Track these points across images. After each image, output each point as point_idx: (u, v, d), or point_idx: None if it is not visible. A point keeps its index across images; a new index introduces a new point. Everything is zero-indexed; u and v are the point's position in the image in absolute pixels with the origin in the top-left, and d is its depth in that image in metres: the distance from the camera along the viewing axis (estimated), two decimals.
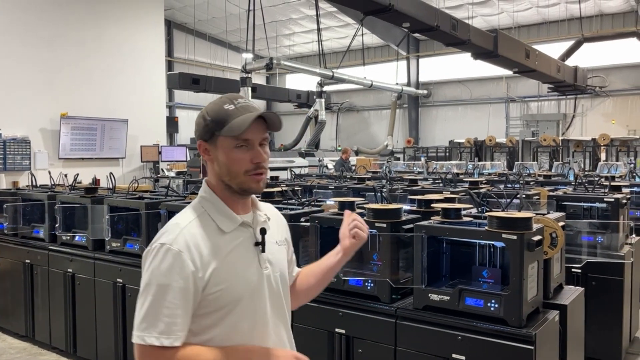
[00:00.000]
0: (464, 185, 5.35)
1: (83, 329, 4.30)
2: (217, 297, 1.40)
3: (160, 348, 1.32)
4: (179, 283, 1.34)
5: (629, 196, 4.64)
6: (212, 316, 1.41)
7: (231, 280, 1.42)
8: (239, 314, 1.43)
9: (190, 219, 1.44)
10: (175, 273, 1.34)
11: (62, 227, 4.47)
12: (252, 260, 1.48)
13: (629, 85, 16.78)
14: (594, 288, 4.19)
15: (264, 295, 1.50)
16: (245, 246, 1.48)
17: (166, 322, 1.33)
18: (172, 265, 1.34)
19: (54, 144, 9.79)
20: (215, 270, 1.39)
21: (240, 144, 1.43)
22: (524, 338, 2.33)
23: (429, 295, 2.60)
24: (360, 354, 2.81)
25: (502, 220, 2.41)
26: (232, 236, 1.46)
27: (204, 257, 1.39)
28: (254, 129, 1.43)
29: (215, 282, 1.39)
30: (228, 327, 1.42)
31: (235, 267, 1.44)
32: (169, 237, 1.38)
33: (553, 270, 2.83)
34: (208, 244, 1.40)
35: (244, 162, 1.43)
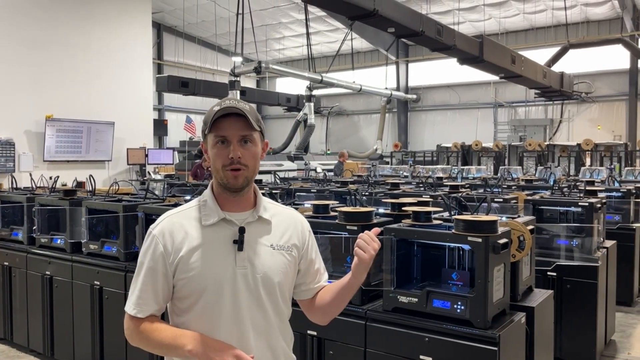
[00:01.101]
0: (445, 189, 5.40)
1: (61, 331, 4.28)
2: (184, 284, 1.52)
3: (131, 316, 1.55)
4: (150, 263, 1.53)
5: (604, 201, 4.71)
6: (185, 302, 1.54)
7: (198, 270, 1.50)
8: (204, 304, 1.51)
9: (180, 210, 1.61)
10: (149, 254, 1.54)
11: (41, 229, 4.46)
12: (227, 256, 1.52)
13: (614, 91, 16.98)
14: (568, 291, 4.25)
15: (235, 293, 1.51)
16: (223, 242, 1.53)
17: (137, 296, 1.55)
18: (148, 247, 1.54)
19: (39, 146, 9.74)
20: (184, 257, 1.51)
21: (218, 140, 1.52)
22: (488, 339, 2.37)
23: (398, 297, 2.64)
24: (332, 356, 2.83)
25: (467, 223, 2.45)
26: (212, 230, 1.54)
27: (175, 244, 1.52)
28: (230, 125, 1.52)
29: (182, 269, 1.51)
30: (197, 314, 1.53)
31: (205, 259, 1.51)
32: (155, 223, 1.58)
33: (522, 273, 2.88)
34: (183, 233, 1.53)
35: (222, 157, 1.52)
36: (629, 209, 5.84)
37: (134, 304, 1.55)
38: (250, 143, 1.54)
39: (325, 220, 2.97)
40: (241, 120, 1.52)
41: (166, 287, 1.54)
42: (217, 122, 1.51)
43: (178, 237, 1.52)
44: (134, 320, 1.55)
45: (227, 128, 1.52)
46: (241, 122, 1.52)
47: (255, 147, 1.55)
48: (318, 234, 2.90)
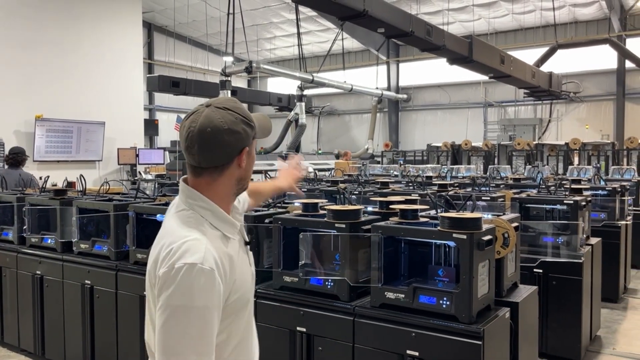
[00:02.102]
0: (434, 188, 5.47)
1: (51, 331, 4.29)
2: (233, 305, 1.41)
3: None
4: (214, 302, 1.31)
5: (589, 199, 4.79)
6: (224, 322, 1.40)
7: (244, 286, 1.45)
8: (243, 316, 1.48)
9: (202, 232, 1.38)
10: (210, 293, 1.30)
11: (31, 229, 4.47)
12: (246, 260, 1.53)
13: (602, 91, 17.18)
14: (553, 288, 4.33)
15: (253, 288, 1.59)
16: (241, 248, 1.51)
17: (207, 344, 1.30)
18: (206, 285, 1.29)
19: (29, 146, 9.69)
20: (236, 280, 1.41)
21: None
22: (472, 334, 2.42)
23: (385, 293, 2.69)
24: (320, 352, 2.88)
25: (452, 221, 2.50)
26: (234, 241, 1.47)
27: (226, 271, 1.37)
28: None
29: (234, 290, 1.40)
30: (233, 329, 1.44)
31: (242, 272, 1.46)
32: (197, 256, 1.31)
33: (507, 269, 2.94)
34: (225, 256, 1.39)
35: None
36: (615, 206, 5.93)
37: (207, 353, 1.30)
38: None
39: (315, 218, 3.02)
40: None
41: None
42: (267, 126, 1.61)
43: (225, 262, 1.38)
44: None
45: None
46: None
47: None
48: (307, 232, 2.97)
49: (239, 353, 1.51)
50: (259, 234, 3.23)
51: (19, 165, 6.28)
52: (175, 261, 1.30)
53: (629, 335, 5.06)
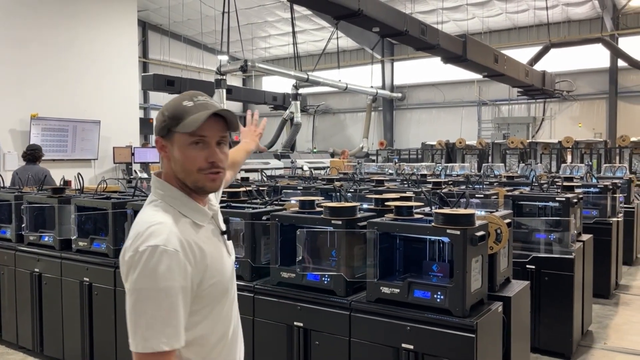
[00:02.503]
0: (428, 186, 5.53)
1: (50, 328, 4.33)
2: (210, 292, 1.41)
3: (168, 352, 1.29)
4: (180, 283, 1.31)
5: (580, 196, 4.87)
6: (202, 312, 1.41)
7: (220, 272, 1.45)
8: (223, 304, 1.48)
9: (168, 217, 1.39)
10: (175, 274, 1.30)
11: (29, 227, 4.50)
12: (223, 249, 1.52)
13: (594, 89, 17.32)
14: (546, 283, 4.41)
15: (234, 280, 1.57)
16: (216, 237, 1.51)
17: (174, 325, 1.30)
18: (171, 267, 1.30)
19: (24, 145, 9.66)
20: (208, 265, 1.40)
21: (196, 141, 1.41)
22: (466, 327, 2.49)
23: (380, 288, 2.74)
24: (317, 346, 2.93)
25: (446, 217, 2.56)
26: (206, 229, 1.47)
27: (197, 254, 1.37)
28: (211, 126, 1.42)
29: (208, 276, 1.39)
30: (213, 319, 1.45)
31: (218, 259, 1.46)
32: (160, 238, 1.32)
33: (499, 264, 3.00)
34: (195, 241, 1.39)
35: (199, 160, 1.42)
36: (606, 204, 6.02)
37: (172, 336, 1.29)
38: (224, 144, 1.48)
39: (312, 215, 3.07)
40: (220, 120, 1.46)
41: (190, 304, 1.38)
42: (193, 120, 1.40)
43: (196, 246, 1.38)
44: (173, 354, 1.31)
45: (208, 129, 1.42)
46: (220, 122, 1.46)
47: (227, 148, 1.50)
48: (304, 228, 3.02)
49: (224, 347, 1.51)
50: (255, 230, 3.28)
51: (36, 161, 6.49)
52: (140, 245, 1.31)
53: (620, 330, 5.14)
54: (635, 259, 8.05)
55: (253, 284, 3.18)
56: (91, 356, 4.06)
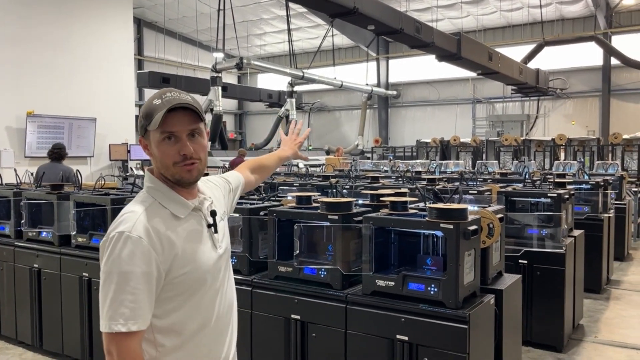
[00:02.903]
0: (423, 182, 5.60)
1: (49, 323, 4.37)
2: (182, 281, 1.45)
3: (127, 334, 1.35)
4: (142, 268, 1.37)
5: (572, 192, 4.96)
6: (176, 299, 1.46)
7: (194, 263, 1.48)
8: (202, 295, 1.51)
9: (144, 207, 1.46)
10: (137, 259, 1.37)
11: (28, 223, 4.54)
12: (207, 242, 1.56)
13: (588, 87, 17.45)
14: (538, 278, 4.49)
15: (220, 273, 1.60)
16: (200, 229, 1.55)
17: (131, 308, 1.35)
18: (133, 252, 1.37)
19: (20, 142, 9.71)
20: (178, 254, 1.44)
21: (167, 136, 1.46)
22: (459, 318, 2.56)
23: (376, 281, 2.81)
24: (314, 338, 3.00)
25: (440, 211, 2.63)
26: (186, 221, 1.51)
27: (164, 242, 1.42)
28: (179, 120, 1.46)
29: (178, 265, 1.44)
30: (191, 308, 1.49)
31: (195, 250, 1.50)
32: (128, 224, 1.40)
33: (492, 258, 3.08)
34: (167, 230, 1.44)
35: (172, 154, 1.47)
36: (598, 200, 6.11)
37: (130, 318, 1.35)
38: (199, 136, 1.52)
39: (308, 210, 3.13)
40: (188, 113, 1.48)
41: (157, 291, 1.42)
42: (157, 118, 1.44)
43: (164, 235, 1.43)
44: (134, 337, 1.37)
45: (175, 123, 1.46)
46: (188, 115, 1.48)
47: (203, 139, 1.53)
48: (301, 223, 3.08)
49: (205, 337, 1.54)
50: (253, 226, 3.34)
51: (61, 159, 6.72)
52: (111, 231, 1.41)
53: (610, 324, 5.24)
54: (626, 254, 8.17)
55: (251, 278, 3.24)
56: (90, 351, 4.11)
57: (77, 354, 4.20)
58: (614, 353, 4.51)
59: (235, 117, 25.47)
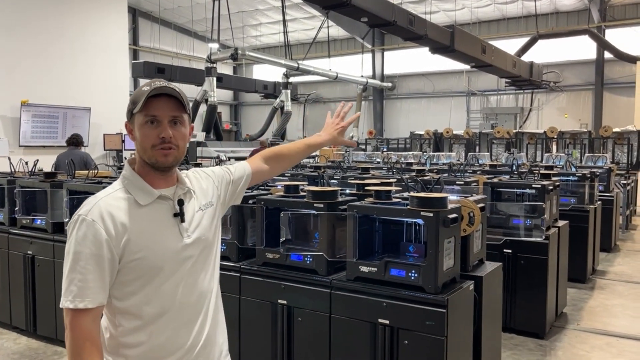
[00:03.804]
0: (412, 173, 5.70)
1: (43, 308, 4.46)
2: (136, 265, 1.50)
3: (75, 310, 1.43)
4: (91, 250, 1.44)
5: (557, 184, 5.06)
6: (134, 283, 1.51)
7: (149, 249, 1.51)
8: (161, 281, 1.53)
9: (108, 193, 1.54)
10: (88, 241, 1.44)
11: (22, 210, 4.61)
12: (171, 230, 1.57)
13: (581, 80, 17.55)
14: (522, 267, 4.61)
15: (187, 262, 1.59)
16: (164, 217, 1.57)
17: (79, 287, 1.43)
18: (86, 234, 1.44)
19: (15, 131, 9.75)
20: (131, 239, 1.48)
21: (150, 120, 1.52)
22: (437, 303, 2.66)
23: (359, 267, 2.91)
24: (300, 322, 3.10)
25: (421, 200, 2.72)
26: (150, 208, 1.55)
27: (118, 227, 1.47)
28: (163, 106, 1.53)
29: (132, 250, 1.48)
30: (149, 293, 1.53)
31: (153, 237, 1.52)
32: (85, 208, 1.49)
33: (473, 246, 3.17)
34: (123, 215, 1.49)
35: (152, 137, 1.52)
36: (584, 192, 6.23)
37: (76, 296, 1.42)
38: (180, 124, 1.57)
39: (296, 199, 3.22)
40: (172, 101, 1.55)
41: (111, 273, 1.48)
42: (147, 102, 1.51)
43: (118, 220, 1.48)
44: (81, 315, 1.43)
45: (159, 108, 1.53)
46: (172, 103, 1.55)
47: (184, 129, 1.58)
48: (288, 212, 3.17)
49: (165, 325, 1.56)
50: (242, 213, 3.43)
51: (79, 145, 7.62)
52: (75, 214, 1.51)
53: (593, 313, 5.37)
54: (613, 245, 8.31)
55: (239, 265, 3.33)
56: None
57: None
58: (594, 340, 4.64)
59: (230, 108, 25.48)
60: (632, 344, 4.56)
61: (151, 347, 1.55)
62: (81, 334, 1.44)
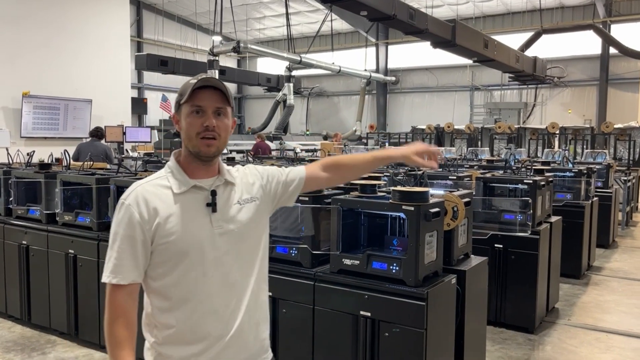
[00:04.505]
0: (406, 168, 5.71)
1: (37, 297, 4.52)
2: (165, 249, 1.59)
3: (112, 285, 1.58)
4: (126, 231, 1.58)
5: (550, 179, 5.06)
6: (164, 265, 1.61)
7: (177, 234, 1.59)
8: (187, 267, 1.60)
9: (149, 179, 1.68)
10: (124, 223, 1.59)
11: (17, 201, 4.66)
12: (202, 219, 1.63)
13: (586, 76, 17.44)
14: (512, 261, 4.62)
15: (215, 252, 1.63)
16: (197, 206, 1.63)
17: (114, 264, 1.58)
18: (123, 217, 1.59)
19: (16, 122, 9.82)
20: (161, 224, 1.58)
21: (194, 110, 1.62)
22: (417, 296, 2.68)
23: (342, 260, 2.93)
24: (285, 314, 3.13)
25: (402, 194, 2.74)
26: (184, 197, 1.63)
27: (150, 211, 1.58)
28: (208, 97, 1.63)
29: (161, 234, 1.58)
30: (177, 277, 1.61)
31: (183, 223, 1.60)
32: (125, 193, 1.64)
33: (457, 240, 3.19)
34: (157, 201, 1.60)
35: (196, 125, 1.62)
36: (580, 187, 6.22)
37: (111, 272, 1.58)
38: (223, 116, 1.66)
39: None
40: (217, 93, 1.64)
41: (144, 254, 1.59)
42: (194, 93, 1.61)
43: (152, 205, 1.59)
44: (116, 289, 1.58)
45: (204, 99, 1.62)
46: (217, 95, 1.64)
47: (227, 120, 1.67)
48: None
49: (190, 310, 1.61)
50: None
51: (101, 137, 7.88)
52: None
53: (585, 308, 5.37)
54: (611, 242, 8.29)
55: None
56: (76, 324, 4.27)
57: (63, 327, 4.35)
58: (584, 335, 4.65)
59: (234, 100, 25.50)
60: (621, 339, 4.58)
61: (178, 331, 1.63)
62: (116, 307, 1.58)
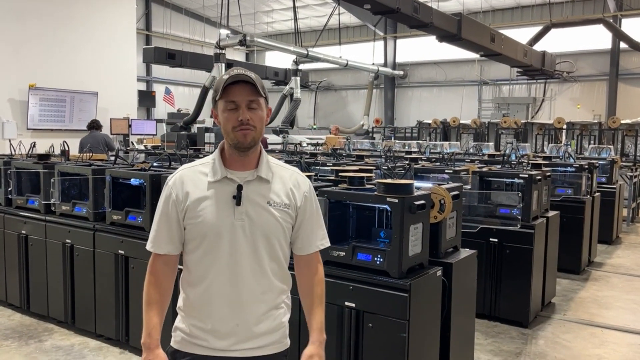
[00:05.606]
0: (405, 161, 5.71)
1: (36, 286, 4.59)
2: (192, 228, 1.77)
3: (152, 253, 1.83)
4: (164, 208, 1.81)
5: (548, 174, 5.04)
6: (191, 243, 1.79)
7: (202, 218, 1.74)
8: (205, 248, 1.75)
9: (192, 165, 1.85)
10: (163, 201, 1.82)
11: (17, 191, 4.73)
12: (227, 209, 1.74)
13: (595, 71, 17.22)
14: (507, 256, 4.61)
15: (234, 241, 1.73)
16: (225, 197, 1.74)
17: (154, 235, 1.82)
18: (164, 196, 1.82)
19: (23, 114, 9.93)
20: (189, 206, 1.75)
21: (229, 106, 1.73)
22: (400, 287, 2.70)
23: (329, 251, 2.95)
24: None
25: (387, 186, 2.75)
26: (216, 185, 1.75)
27: (184, 193, 1.77)
28: (240, 92, 1.72)
29: (189, 215, 1.76)
30: (199, 255, 1.77)
31: (208, 208, 1.74)
32: (171, 175, 1.84)
33: (445, 233, 3.20)
34: (191, 185, 1.77)
35: (232, 120, 1.72)
36: (581, 183, 6.18)
37: (150, 241, 1.83)
38: (257, 108, 1.74)
39: None
40: (248, 87, 1.72)
41: (179, 229, 1.78)
42: (226, 89, 1.71)
43: (187, 188, 1.76)
44: (155, 257, 1.83)
45: (236, 94, 1.71)
46: (248, 88, 1.72)
47: (261, 111, 1.76)
48: None
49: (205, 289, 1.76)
50: None
51: (99, 128, 8.33)
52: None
53: (582, 304, 5.35)
54: (615, 238, 8.23)
55: None
56: (72, 312, 4.33)
57: (60, 316, 4.42)
58: (579, 330, 4.64)
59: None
60: (616, 334, 4.56)
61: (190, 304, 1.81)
62: (152, 272, 1.83)
